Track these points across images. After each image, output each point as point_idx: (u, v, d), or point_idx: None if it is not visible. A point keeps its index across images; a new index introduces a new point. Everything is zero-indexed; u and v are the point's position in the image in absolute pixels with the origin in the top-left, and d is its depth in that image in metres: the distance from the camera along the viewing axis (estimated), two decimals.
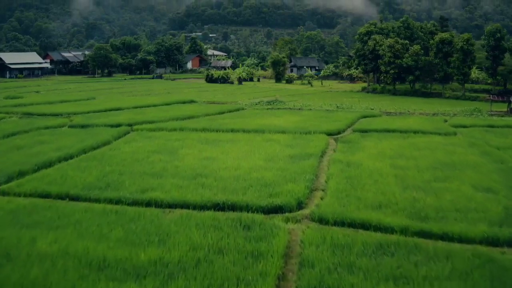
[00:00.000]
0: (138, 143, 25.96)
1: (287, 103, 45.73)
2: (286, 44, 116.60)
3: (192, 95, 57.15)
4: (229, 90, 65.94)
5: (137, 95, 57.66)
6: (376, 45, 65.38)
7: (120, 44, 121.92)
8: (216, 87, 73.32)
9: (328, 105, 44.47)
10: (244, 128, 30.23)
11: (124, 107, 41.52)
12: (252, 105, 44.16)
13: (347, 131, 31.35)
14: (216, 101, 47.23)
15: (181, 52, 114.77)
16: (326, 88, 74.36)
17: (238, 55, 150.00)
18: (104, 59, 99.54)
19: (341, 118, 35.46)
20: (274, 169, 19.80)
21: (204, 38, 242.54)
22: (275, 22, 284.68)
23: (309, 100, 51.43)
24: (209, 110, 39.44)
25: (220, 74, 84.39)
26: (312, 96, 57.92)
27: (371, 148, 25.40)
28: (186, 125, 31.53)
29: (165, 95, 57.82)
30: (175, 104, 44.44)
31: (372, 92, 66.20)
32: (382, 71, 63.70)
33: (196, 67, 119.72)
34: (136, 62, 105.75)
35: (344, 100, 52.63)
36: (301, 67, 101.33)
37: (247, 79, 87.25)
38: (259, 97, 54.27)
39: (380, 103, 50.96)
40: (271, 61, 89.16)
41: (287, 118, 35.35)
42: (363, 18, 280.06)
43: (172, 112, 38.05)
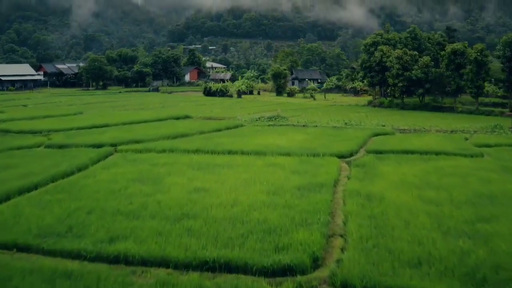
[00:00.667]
0: (119, 169, 22.20)
1: (290, 119, 42.11)
2: (287, 56, 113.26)
3: (188, 109, 53.57)
4: (227, 104, 62.39)
5: (129, 109, 54.06)
6: (383, 56, 61.99)
7: (117, 56, 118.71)
8: (214, 100, 69.80)
9: (335, 121, 40.81)
10: (243, 149, 26.50)
11: (111, 123, 37.86)
12: (252, 121, 40.54)
13: (360, 152, 27.67)
14: (213, 116, 43.57)
15: (179, 64, 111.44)
16: (330, 101, 70.85)
17: (238, 68, 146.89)
18: (99, 71, 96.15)
19: (351, 137, 31.80)
20: (279, 206, 16.02)
21: (203, 51, 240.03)
22: (275, 34, 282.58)
23: (313, 115, 47.83)
24: (204, 127, 35.82)
25: (218, 87, 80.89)
26: (316, 111, 54.31)
27: (391, 174, 21.69)
28: (178, 146, 27.85)
29: (159, 109, 54.24)
30: (168, 120, 40.80)
31: (379, 106, 62.64)
32: (389, 84, 60.19)
33: (194, 80, 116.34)
34: (132, 74, 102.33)
35: (351, 116, 49.04)
36: (302, 79, 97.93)
37: (247, 92, 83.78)
38: (260, 112, 50.67)
39: (390, 118, 47.36)
40: (272, 73, 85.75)
41: (291, 136, 31.70)
42: (364, 30, 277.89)
43: (164, 129, 34.40)
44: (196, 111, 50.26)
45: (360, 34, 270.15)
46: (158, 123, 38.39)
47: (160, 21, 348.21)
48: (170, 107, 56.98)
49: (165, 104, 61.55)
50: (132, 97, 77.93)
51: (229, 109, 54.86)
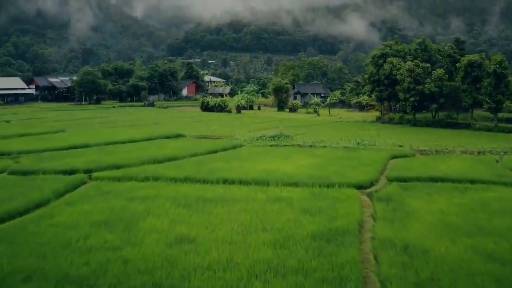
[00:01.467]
0: (86, 205, 17.66)
1: (294, 138, 37.72)
2: (289, 70, 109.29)
3: (183, 126, 49.29)
4: (226, 121, 58.12)
5: (119, 126, 49.72)
6: (393, 69, 57.87)
7: (112, 69, 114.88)
8: (212, 116, 65.55)
9: (345, 140, 36.40)
10: (241, 177, 21.98)
11: (93, 143, 33.39)
12: (252, 140, 36.13)
13: (380, 180, 23.17)
14: (208, 135, 39.16)
15: (176, 78, 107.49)
16: (335, 117, 66.66)
17: (237, 82, 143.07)
18: (92, 85, 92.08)
19: (367, 160, 27.35)
20: (290, 271, 11.49)
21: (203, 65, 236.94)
22: (275, 48, 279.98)
23: (319, 133, 43.54)
24: (198, 148, 31.39)
25: (216, 102, 76.71)
26: (322, 128, 50.03)
27: (426, 212, 17.20)
28: (164, 172, 23.36)
29: (150, 126, 49.92)
30: (158, 139, 36.34)
31: (388, 122, 58.36)
32: (400, 98, 55.94)
33: (192, 94, 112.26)
34: (127, 88, 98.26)
35: (361, 134, 44.75)
36: (305, 94, 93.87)
37: (247, 107, 79.64)
38: (260, 129, 46.33)
39: (405, 137, 43.01)
40: (273, 87, 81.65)
41: (297, 160, 27.27)
42: (365, 44, 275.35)
43: (151, 151, 29.97)
44: (191, 129, 45.92)
45: (361, 48, 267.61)
46: (146, 144, 33.95)
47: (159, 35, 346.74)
48: (164, 124, 52.67)
49: (159, 121, 57.25)
50: (125, 112, 73.70)
51: (227, 126, 50.54)
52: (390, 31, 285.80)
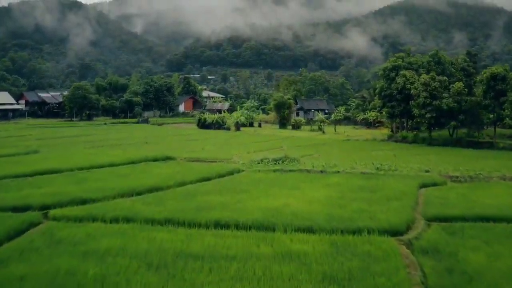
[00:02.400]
0: (19, 266, 12.56)
1: (301, 160, 32.58)
2: (290, 85, 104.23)
3: (175, 146, 44.25)
4: (223, 139, 53.02)
5: (103, 146, 44.63)
6: (406, 82, 52.97)
7: (107, 84, 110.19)
8: (208, 134, 60.49)
9: (361, 164, 31.23)
10: (238, 218, 16.78)
11: (65, 168, 28.23)
12: (252, 163, 30.98)
13: (417, 220, 18.09)
14: (201, 157, 33.94)
15: (173, 93, 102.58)
16: (342, 135, 61.64)
17: (237, 98, 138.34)
18: (83, 100, 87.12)
19: (394, 192, 22.22)
20: None
21: (202, 80, 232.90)
22: (275, 64, 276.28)
23: (328, 155, 38.42)
24: (188, 174, 26.30)
25: (214, 119, 71.62)
26: (330, 148, 44.92)
27: (495, 275, 12.24)
28: (140, 210, 18.21)
29: (139, 146, 44.82)
30: (143, 162, 31.22)
31: (401, 141, 53.26)
32: (415, 115, 50.88)
33: (189, 110, 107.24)
34: (120, 104, 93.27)
35: (374, 155, 39.60)
36: (308, 110, 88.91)
37: (246, 124, 74.63)
38: (262, 150, 41.23)
39: (425, 158, 37.95)
40: (275, 103, 76.62)
41: (308, 191, 22.16)
42: (367, 59, 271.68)
43: (130, 179, 24.87)
44: (184, 149, 40.85)
45: (363, 64, 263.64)
46: (127, 169, 28.79)
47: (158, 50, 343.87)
48: (154, 143, 47.56)
49: (150, 139, 52.14)
50: (115, 129, 68.70)
51: (225, 145, 45.40)
52: (392, 46, 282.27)
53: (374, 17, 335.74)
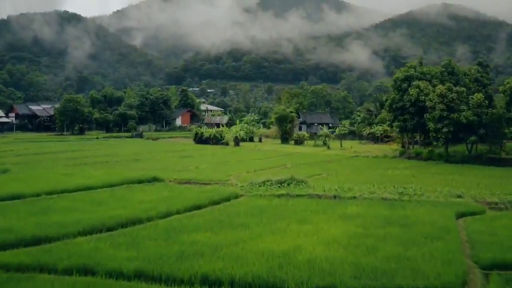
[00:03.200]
0: None
1: (309, 182, 28.06)
2: (292, 98, 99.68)
3: (167, 164, 39.75)
4: (221, 156, 48.54)
5: (87, 164, 40.13)
6: (420, 94, 48.68)
7: (101, 96, 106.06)
8: (205, 150, 56.01)
9: (380, 188, 26.68)
10: (233, 272, 12.29)
11: (30, 193, 23.60)
12: (253, 186, 26.48)
13: (471, 270, 13.63)
14: (194, 178, 29.32)
15: (169, 106, 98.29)
16: (349, 151, 57.19)
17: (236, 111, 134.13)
18: (74, 113, 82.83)
19: (432, 227, 17.69)
20: None
21: (201, 94, 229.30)
22: (276, 77, 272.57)
23: (338, 174, 33.95)
24: (175, 201, 21.82)
25: (212, 133, 67.08)
26: (339, 166, 40.43)
27: None
28: (105, 257, 13.63)
29: (127, 164, 40.32)
30: (125, 185, 26.72)
31: (415, 158, 48.74)
32: (430, 129, 46.42)
33: (186, 124, 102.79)
34: (114, 117, 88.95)
35: (389, 174, 35.14)
36: (311, 124, 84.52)
37: (246, 139, 70.23)
38: (263, 168, 36.75)
39: (448, 179, 33.42)
40: (276, 116, 72.15)
41: (323, 226, 17.65)
42: (368, 73, 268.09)
43: (104, 208, 20.35)
44: (176, 168, 36.38)
45: (364, 77, 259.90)
46: (104, 193, 24.30)
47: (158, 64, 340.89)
48: (145, 160, 43.11)
49: (141, 155, 47.67)
50: (106, 144, 64.32)
51: (222, 163, 40.86)
52: (393, 59, 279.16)
53: (375, 30, 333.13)
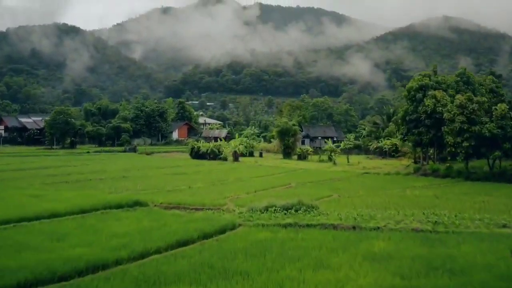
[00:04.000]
0: None
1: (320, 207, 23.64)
2: (294, 110, 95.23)
3: (156, 182, 35.33)
4: (218, 173, 44.09)
5: (69, 182, 35.71)
6: (437, 105, 44.43)
7: (96, 109, 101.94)
8: (201, 166, 51.57)
9: (407, 215, 22.17)
10: None
11: None
12: (253, 213, 22.08)
13: None
14: (184, 202, 24.82)
15: (165, 119, 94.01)
16: (357, 167, 52.83)
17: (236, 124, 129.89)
18: (65, 126, 78.57)
19: (490, 273, 13.45)
20: None
21: (201, 107, 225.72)
22: (276, 90, 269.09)
23: (351, 195, 29.57)
24: (155, 235, 17.33)
25: (209, 148, 62.59)
26: (350, 185, 36.02)
27: None
28: None
29: (112, 182, 35.85)
30: (100, 211, 22.31)
31: (432, 174, 44.26)
32: (448, 143, 42.00)
33: (183, 138, 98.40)
34: (107, 130, 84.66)
35: (409, 194, 30.77)
36: (314, 138, 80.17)
37: (246, 154, 65.88)
38: (266, 188, 32.35)
39: (478, 201, 29.02)
40: (278, 130, 67.73)
41: (347, 270, 13.28)
42: (370, 86, 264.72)
43: (63, 245, 15.91)
44: (165, 188, 31.98)
45: (366, 90, 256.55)
46: (71, 221, 19.83)
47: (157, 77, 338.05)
48: (133, 178, 38.68)
49: (130, 172, 43.30)
50: (95, 160, 59.96)
51: (219, 182, 36.39)
52: (394, 72, 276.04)
53: (375, 43, 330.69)
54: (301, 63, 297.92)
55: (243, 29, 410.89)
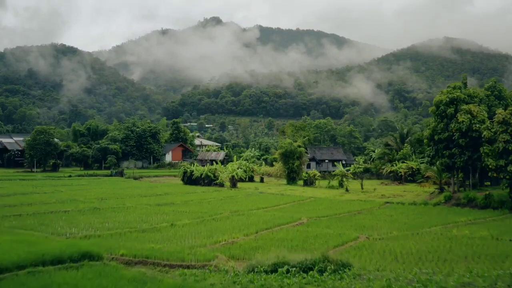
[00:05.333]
0: None
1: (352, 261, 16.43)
2: (298, 131, 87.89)
3: (131, 217, 28.03)
4: (211, 204, 36.53)
5: (22, 215, 28.40)
6: (473, 121, 37.36)
7: (85, 129, 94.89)
8: (193, 194, 44.02)
9: (484, 278, 14.95)
10: None
11: None
12: (256, 274, 14.81)
13: None
14: (154, 254, 17.34)
15: (158, 140, 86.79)
16: (373, 194, 45.43)
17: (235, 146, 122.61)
18: (46, 147, 71.38)
19: None
20: None
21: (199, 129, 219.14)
22: (277, 112, 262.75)
23: (384, 237, 22.33)
24: None
25: (203, 172, 55.05)
26: (375, 221, 28.58)
27: None
28: None
29: (76, 216, 28.43)
30: (26, 269, 14.95)
31: (468, 205, 36.94)
32: (489, 167, 34.70)
33: (178, 160, 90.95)
34: (93, 152, 77.38)
35: (457, 234, 23.51)
36: (321, 160, 72.84)
37: (245, 178, 58.52)
38: (270, 226, 25.00)
39: None
40: (281, 151, 60.26)
41: None
42: (372, 107, 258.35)
43: None
44: (140, 226, 24.68)
45: (368, 111, 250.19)
46: None
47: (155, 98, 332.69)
48: (105, 211, 31.28)
49: (105, 202, 35.91)
50: (74, 185, 52.52)
51: (210, 218, 28.87)
52: (397, 93, 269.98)
53: (377, 64, 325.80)
54: (302, 84, 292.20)
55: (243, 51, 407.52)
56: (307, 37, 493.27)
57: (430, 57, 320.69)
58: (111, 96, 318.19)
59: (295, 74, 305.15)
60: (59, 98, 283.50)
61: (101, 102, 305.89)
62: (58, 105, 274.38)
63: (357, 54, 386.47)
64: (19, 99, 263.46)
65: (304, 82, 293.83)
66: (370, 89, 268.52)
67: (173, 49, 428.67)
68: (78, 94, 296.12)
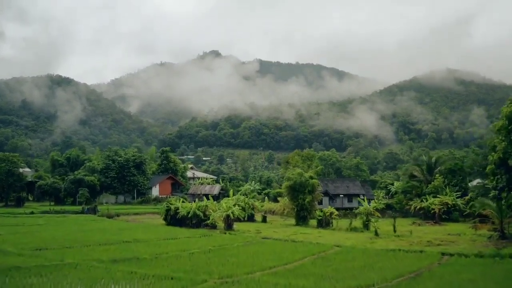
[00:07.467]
0: None
1: None
2: (304, 161, 76.24)
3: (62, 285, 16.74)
4: (191, 259, 24.86)
5: None
6: None
7: (64, 159, 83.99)
8: (172, 242, 32.30)
9: None
10: None
11: None
12: None
13: None
14: None
15: (144, 171, 75.72)
16: (413, 240, 34.18)
17: (232, 179, 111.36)
18: (9, 177, 60.46)
19: None
20: None
21: (197, 162, 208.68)
22: (277, 145, 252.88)
23: None
24: None
25: (191, 209, 43.55)
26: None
27: None
28: None
29: None
30: None
31: None
32: None
33: (166, 194, 79.57)
34: (65, 184, 66.22)
35: None
36: (335, 195, 61.69)
37: (243, 218, 47.14)
38: None
39: None
40: (289, 184, 48.72)
41: None
42: (376, 140, 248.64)
43: None
44: None
45: (372, 144, 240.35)
46: None
47: (153, 131, 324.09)
48: (27, 271, 20.09)
49: (37, 256, 24.64)
50: (25, 225, 41.26)
51: None
52: (402, 125, 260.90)
53: (380, 96, 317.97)
54: (303, 116, 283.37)
55: (242, 83, 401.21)
56: (307, 70, 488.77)
57: (433, 88, 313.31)
58: (107, 128, 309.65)
59: (295, 106, 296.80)
60: (53, 129, 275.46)
61: (96, 134, 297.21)
62: (51, 136, 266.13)
63: (357, 87, 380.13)
64: (12, 130, 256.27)
65: (305, 113, 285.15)
66: (374, 121, 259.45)
67: (172, 81, 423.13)
68: (72, 125, 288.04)
